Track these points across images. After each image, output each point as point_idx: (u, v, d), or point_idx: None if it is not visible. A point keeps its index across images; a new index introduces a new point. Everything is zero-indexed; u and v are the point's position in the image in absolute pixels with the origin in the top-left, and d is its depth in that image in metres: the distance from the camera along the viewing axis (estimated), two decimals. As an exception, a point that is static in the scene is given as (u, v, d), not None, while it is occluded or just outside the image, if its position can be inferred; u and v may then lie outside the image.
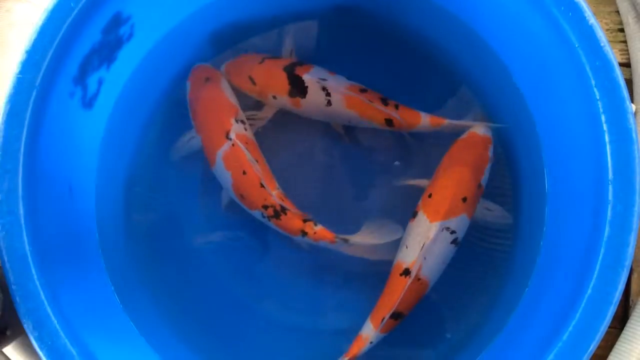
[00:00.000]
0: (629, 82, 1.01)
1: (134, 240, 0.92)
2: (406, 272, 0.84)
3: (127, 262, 0.90)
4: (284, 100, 0.94)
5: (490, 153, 0.90)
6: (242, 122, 0.93)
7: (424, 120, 0.92)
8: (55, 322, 0.68)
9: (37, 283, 0.69)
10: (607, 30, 1.05)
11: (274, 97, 0.95)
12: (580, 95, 0.72)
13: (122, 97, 0.89)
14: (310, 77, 0.92)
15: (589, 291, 0.66)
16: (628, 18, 1.03)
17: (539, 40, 0.77)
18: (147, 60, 0.91)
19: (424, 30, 0.97)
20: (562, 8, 0.71)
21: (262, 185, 0.88)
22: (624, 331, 0.96)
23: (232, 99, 0.95)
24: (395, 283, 0.85)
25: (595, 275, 0.66)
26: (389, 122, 0.92)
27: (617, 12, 1.06)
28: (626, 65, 1.03)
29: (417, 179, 0.93)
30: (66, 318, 0.70)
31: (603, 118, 0.68)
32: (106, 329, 0.78)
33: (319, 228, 0.88)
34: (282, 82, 0.93)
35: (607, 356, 0.96)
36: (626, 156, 0.68)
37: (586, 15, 0.70)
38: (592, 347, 0.64)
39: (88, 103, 0.83)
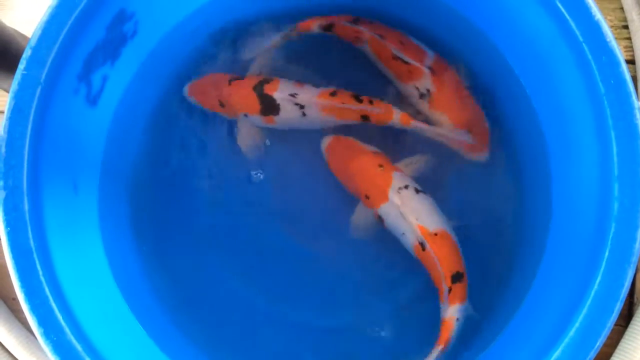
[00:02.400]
0: (634, 79, 1.01)
1: (138, 237, 0.91)
2: (422, 245, 0.85)
3: (131, 259, 0.90)
4: (257, 118, 0.94)
5: None
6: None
7: (396, 117, 0.91)
8: (61, 317, 0.68)
9: (42, 279, 0.69)
10: (612, 27, 1.05)
11: (246, 115, 0.95)
12: (586, 90, 0.71)
13: (126, 94, 0.89)
14: (280, 94, 0.92)
15: (596, 287, 0.66)
16: (632, 15, 1.03)
17: (543, 36, 0.77)
18: (152, 57, 0.91)
19: (428, 28, 0.97)
20: (568, 4, 0.71)
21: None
22: (628, 328, 0.96)
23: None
24: (425, 259, 0.86)
25: (601, 272, 0.66)
26: (364, 117, 0.92)
27: (622, 8, 1.06)
28: (631, 62, 1.03)
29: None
30: (71, 314, 0.70)
31: (609, 113, 0.68)
32: (111, 324, 0.78)
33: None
34: (253, 102, 0.93)
35: (612, 353, 0.96)
36: (632, 152, 0.67)
37: (592, 11, 0.70)
38: (599, 343, 0.64)
39: (92, 100, 0.83)
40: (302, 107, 0.92)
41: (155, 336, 0.83)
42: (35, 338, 1.06)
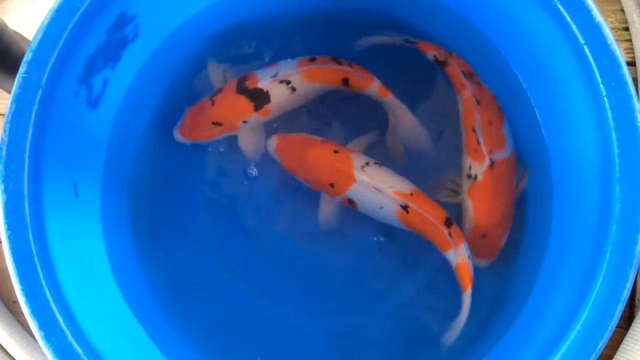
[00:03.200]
0: (635, 81, 1.01)
1: (139, 240, 0.91)
2: (404, 208, 0.86)
3: (133, 261, 0.90)
4: (254, 118, 0.94)
5: None
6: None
7: (374, 86, 0.93)
8: (61, 321, 0.68)
9: (43, 282, 0.69)
10: (612, 29, 1.05)
11: (245, 122, 0.94)
12: (587, 92, 0.72)
13: (127, 97, 0.89)
14: (263, 81, 0.92)
15: (597, 289, 0.66)
16: (633, 16, 1.02)
17: (545, 38, 0.77)
18: (152, 60, 0.91)
19: (430, 30, 0.97)
20: (569, 6, 0.71)
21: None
22: (630, 330, 0.96)
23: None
24: (411, 220, 0.87)
25: (602, 274, 0.66)
26: (345, 81, 0.93)
27: (622, 10, 1.06)
28: (631, 64, 1.03)
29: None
30: (72, 317, 0.70)
31: (610, 115, 0.68)
32: (111, 328, 0.78)
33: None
34: (244, 104, 0.92)
35: (613, 355, 0.96)
36: (633, 154, 0.68)
37: (593, 13, 0.70)
38: (601, 345, 0.64)
39: (93, 103, 0.82)
40: (288, 82, 0.92)
41: (157, 339, 0.84)
42: (36, 341, 1.06)
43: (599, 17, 0.70)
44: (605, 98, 0.69)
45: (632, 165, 0.67)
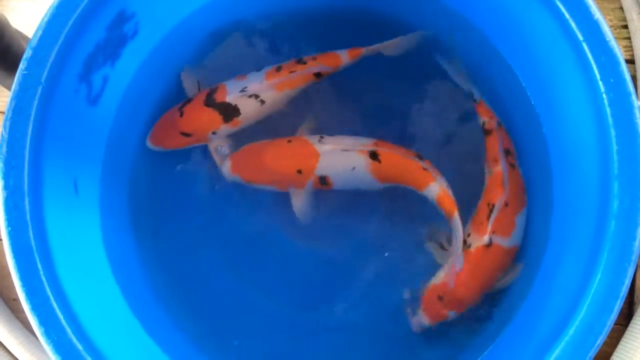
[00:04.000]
0: (634, 79, 1.01)
1: (138, 237, 0.91)
2: (373, 155, 0.88)
3: (132, 258, 0.90)
4: (224, 129, 0.93)
5: None
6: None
7: (344, 57, 0.94)
8: (61, 317, 0.68)
9: (43, 279, 0.69)
10: (611, 26, 1.05)
11: (214, 133, 0.94)
12: (586, 89, 0.72)
13: (127, 95, 0.89)
14: (232, 95, 0.92)
15: (596, 285, 0.66)
16: (632, 14, 1.03)
17: (543, 35, 0.77)
18: (152, 58, 0.91)
19: (426, 28, 0.97)
20: (568, 3, 0.71)
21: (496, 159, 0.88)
22: (629, 328, 0.96)
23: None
24: (383, 166, 0.88)
25: (601, 270, 0.66)
26: (317, 75, 0.94)
27: (621, 8, 1.06)
28: (630, 61, 1.03)
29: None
30: (72, 313, 0.70)
31: (609, 112, 0.68)
32: (111, 324, 0.78)
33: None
34: (212, 116, 0.92)
35: (612, 353, 0.96)
36: (632, 150, 0.68)
37: (592, 10, 0.70)
38: (600, 341, 0.64)
39: (93, 100, 0.83)
40: (257, 96, 0.92)
41: (155, 335, 0.84)
42: (36, 338, 1.06)
43: (597, 14, 0.70)
44: (604, 95, 0.69)
45: (631, 162, 0.67)
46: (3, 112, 1.19)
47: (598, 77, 0.69)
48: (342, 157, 0.88)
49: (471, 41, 0.92)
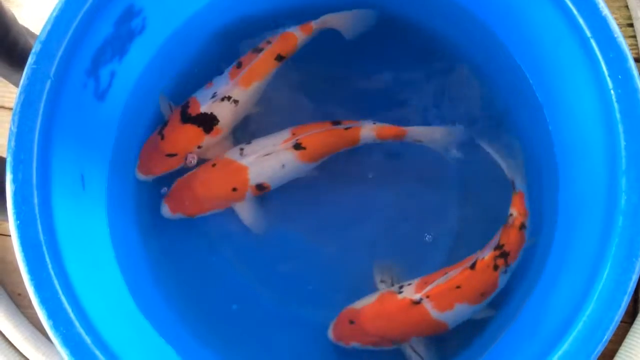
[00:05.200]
0: None
1: (144, 232, 0.92)
2: (296, 146, 0.89)
3: (138, 254, 0.90)
4: (207, 140, 0.93)
5: None
6: (400, 287, 0.87)
7: (297, 33, 0.94)
8: (70, 310, 0.68)
9: (52, 272, 0.69)
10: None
11: (199, 147, 0.93)
12: (593, 86, 0.72)
13: (134, 90, 0.90)
14: (205, 104, 0.92)
15: (604, 280, 0.66)
16: (638, 12, 1.03)
17: (551, 31, 0.77)
18: (159, 54, 0.91)
19: (432, 24, 0.97)
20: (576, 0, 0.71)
21: (472, 267, 0.84)
22: (633, 325, 0.97)
23: (374, 296, 0.88)
24: (307, 150, 0.89)
25: (609, 265, 0.66)
26: (279, 57, 0.94)
27: (627, 6, 1.06)
28: (636, 60, 1.03)
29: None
30: (80, 307, 0.70)
31: (617, 108, 0.69)
32: (118, 317, 0.78)
33: (513, 210, 0.86)
34: (193, 131, 0.92)
35: (617, 350, 0.96)
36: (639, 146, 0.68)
37: (600, 6, 0.70)
38: (607, 336, 0.64)
39: (100, 95, 0.83)
40: (229, 98, 0.92)
41: (161, 329, 0.84)
42: (41, 333, 1.07)
43: (605, 10, 0.70)
44: (612, 91, 0.69)
45: (638, 158, 0.68)
46: (10, 108, 1.19)
47: (606, 73, 0.70)
48: (268, 161, 0.89)
49: (477, 36, 0.92)
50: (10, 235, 1.14)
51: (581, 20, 0.71)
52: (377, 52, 1.00)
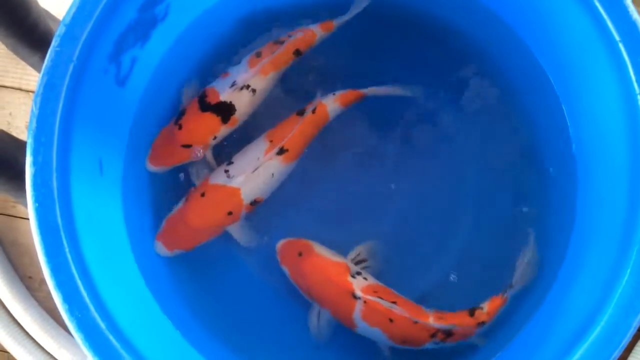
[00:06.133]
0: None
1: (159, 219, 0.91)
2: (281, 152, 0.88)
3: (152, 241, 0.90)
4: (223, 131, 0.93)
5: None
6: (358, 273, 0.86)
7: (317, 30, 0.94)
8: (85, 295, 0.68)
9: (69, 256, 0.69)
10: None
11: (214, 138, 0.93)
12: (619, 90, 0.72)
13: (153, 77, 0.89)
14: (224, 93, 0.91)
15: (623, 286, 0.66)
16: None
17: (578, 33, 0.77)
18: (179, 41, 0.91)
19: (458, 25, 0.96)
20: (605, 3, 0.71)
21: (416, 322, 0.82)
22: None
23: (336, 258, 0.88)
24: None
25: (629, 271, 0.66)
26: (297, 52, 0.94)
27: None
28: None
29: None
30: (95, 292, 0.70)
31: (643, 114, 0.68)
32: (132, 304, 0.79)
33: (486, 307, 0.83)
34: (212, 120, 0.91)
35: (627, 357, 0.96)
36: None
37: (629, 10, 0.70)
38: (624, 342, 0.64)
39: (121, 81, 0.83)
40: (248, 86, 0.91)
41: (173, 318, 0.84)
42: (50, 316, 1.07)
43: (635, 14, 0.70)
44: (638, 96, 0.69)
45: (662, 165, 0.67)
46: (27, 91, 1.19)
47: (634, 78, 0.69)
48: (258, 176, 0.88)
49: (502, 38, 0.91)
50: (22, 218, 1.15)
51: (610, 24, 0.71)
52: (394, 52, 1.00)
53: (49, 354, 1.06)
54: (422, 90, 0.97)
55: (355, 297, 0.83)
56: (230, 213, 0.89)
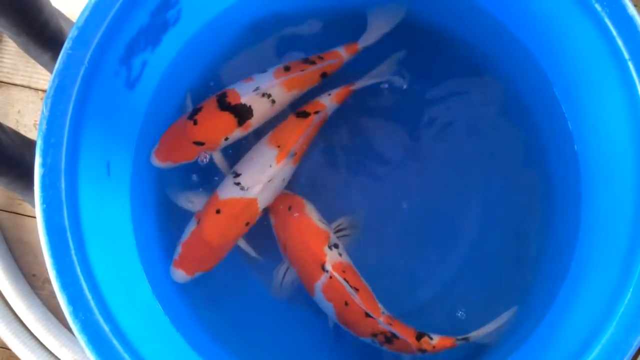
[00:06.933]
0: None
1: (165, 225, 0.92)
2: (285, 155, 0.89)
3: (158, 247, 0.90)
4: (236, 133, 0.92)
5: None
6: (335, 246, 0.88)
7: (342, 53, 0.95)
8: (90, 297, 0.69)
9: (74, 258, 0.69)
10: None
11: (226, 139, 0.92)
12: (627, 108, 0.72)
13: (162, 81, 0.90)
14: (246, 96, 0.91)
15: (625, 304, 0.66)
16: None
17: (587, 50, 0.77)
18: (190, 45, 0.91)
19: (454, 27, 0.96)
20: (616, 20, 0.71)
21: (367, 315, 0.83)
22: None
23: (322, 225, 0.90)
24: None
25: (632, 288, 0.66)
26: (323, 75, 0.94)
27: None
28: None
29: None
30: (100, 295, 0.70)
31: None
32: (136, 308, 0.79)
33: (435, 340, 0.84)
34: (228, 120, 0.91)
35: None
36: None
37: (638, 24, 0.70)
38: (631, 351, 0.64)
39: (131, 84, 0.83)
40: (269, 95, 0.91)
41: (177, 323, 0.84)
42: (53, 315, 1.07)
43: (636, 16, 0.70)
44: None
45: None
46: (37, 89, 1.20)
47: (637, 81, 0.70)
48: (273, 184, 0.89)
49: (507, 46, 0.91)
50: (27, 216, 1.16)
51: (620, 42, 0.71)
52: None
53: (50, 352, 1.06)
54: (408, 77, 0.97)
55: (324, 269, 0.85)
56: (247, 224, 0.89)
